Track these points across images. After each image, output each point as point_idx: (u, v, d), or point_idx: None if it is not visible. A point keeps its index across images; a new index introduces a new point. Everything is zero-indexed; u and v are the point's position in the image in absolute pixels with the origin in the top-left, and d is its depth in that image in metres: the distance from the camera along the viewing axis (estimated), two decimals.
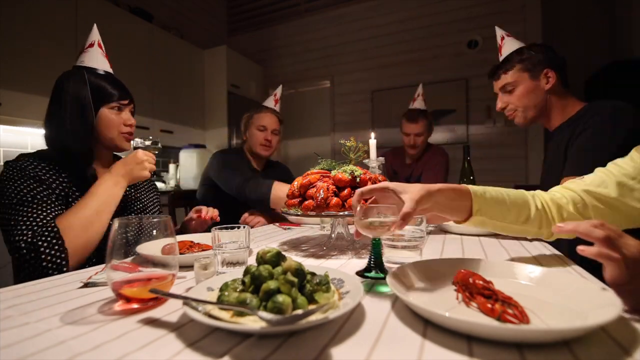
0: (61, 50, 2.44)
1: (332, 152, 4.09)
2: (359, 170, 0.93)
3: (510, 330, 0.39)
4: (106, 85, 1.03)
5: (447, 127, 3.59)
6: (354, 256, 0.86)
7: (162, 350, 0.39)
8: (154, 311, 0.51)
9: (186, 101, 3.63)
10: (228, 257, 0.65)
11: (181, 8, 4.00)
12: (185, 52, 3.63)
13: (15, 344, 0.41)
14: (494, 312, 0.45)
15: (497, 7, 3.36)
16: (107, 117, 1.04)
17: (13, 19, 2.20)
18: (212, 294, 0.51)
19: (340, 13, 4.11)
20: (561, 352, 0.37)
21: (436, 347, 0.39)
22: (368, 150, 1.05)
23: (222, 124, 3.84)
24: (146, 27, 3.16)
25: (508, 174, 3.28)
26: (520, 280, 0.58)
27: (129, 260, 0.57)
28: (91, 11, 2.65)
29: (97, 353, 0.39)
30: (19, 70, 2.22)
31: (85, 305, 0.54)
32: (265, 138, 1.87)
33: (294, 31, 4.38)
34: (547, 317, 0.45)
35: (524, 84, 1.29)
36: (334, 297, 0.47)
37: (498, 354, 0.37)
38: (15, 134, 2.47)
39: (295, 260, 0.49)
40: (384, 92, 3.88)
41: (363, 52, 3.99)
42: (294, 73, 4.39)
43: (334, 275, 0.57)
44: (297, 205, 0.94)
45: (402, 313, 0.49)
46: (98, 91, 1.02)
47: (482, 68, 3.25)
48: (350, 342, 0.40)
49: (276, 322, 0.39)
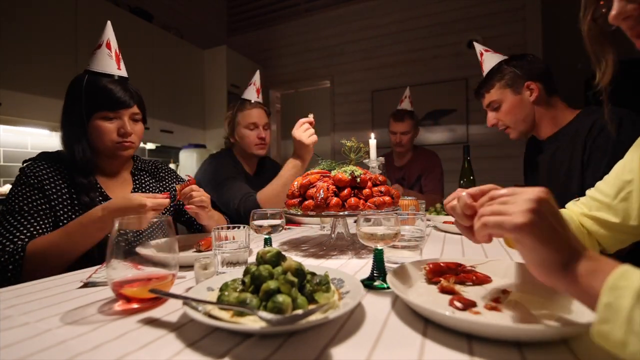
0: (61, 50, 2.44)
1: (332, 152, 4.09)
2: (359, 170, 0.93)
3: (510, 329, 0.39)
4: (101, 92, 0.98)
5: (447, 127, 3.59)
6: (354, 256, 0.86)
7: (162, 350, 0.39)
8: (154, 311, 0.51)
9: (186, 101, 3.63)
10: (228, 257, 0.65)
11: (181, 8, 3.99)
12: (185, 52, 3.62)
13: (15, 344, 0.41)
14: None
15: (497, 7, 3.36)
16: (99, 126, 0.98)
17: (13, 19, 2.20)
18: (212, 294, 0.51)
19: (340, 13, 4.11)
20: (560, 351, 0.37)
21: (437, 346, 0.39)
22: (368, 151, 1.05)
23: (222, 124, 3.79)
24: (146, 27, 3.16)
25: (508, 174, 3.28)
26: (520, 279, 0.58)
27: (128, 260, 0.57)
28: (91, 11, 2.65)
29: (97, 353, 0.39)
30: (19, 70, 2.22)
31: (85, 305, 0.54)
32: (259, 136, 1.69)
33: (294, 31, 4.38)
34: (546, 316, 0.45)
35: (508, 101, 1.28)
36: (334, 297, 0.47)
37: (498, 353, 0.37)
38: (15, 134, 2.47)
39: (295, 260, 0.49)
40: (384, 92, 3.88)
41: (363, 52, 3.99)
42: (294, 73, 4.39)
43: (334, 275, 0.57)
44: (297, 205, 0.94)
45: (402, 313, 0.49)
46: (92, 99, 0.97)
47: None
48: (350, 342, 0.40)
49: (276, 322, 0.39)
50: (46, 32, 2.38)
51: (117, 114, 1.00)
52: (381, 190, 0.91)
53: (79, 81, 0.99)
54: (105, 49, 1.02)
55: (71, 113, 0.99)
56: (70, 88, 1.00)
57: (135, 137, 1.04)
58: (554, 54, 3.33)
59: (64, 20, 2.49)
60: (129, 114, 1.02)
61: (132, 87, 1.04)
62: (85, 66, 1.02)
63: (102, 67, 1.01)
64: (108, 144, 1.00)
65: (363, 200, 0.88)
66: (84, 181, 0.97)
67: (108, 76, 1.01)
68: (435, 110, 3.61)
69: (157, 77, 3.21)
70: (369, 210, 0.86)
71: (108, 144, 1.00)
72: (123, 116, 1.01)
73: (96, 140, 1.00)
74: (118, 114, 1.00)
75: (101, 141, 1.00)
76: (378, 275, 0.62)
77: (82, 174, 0.98)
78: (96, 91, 0.98)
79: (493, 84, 1.30)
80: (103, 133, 0.99)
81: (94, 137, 1.00)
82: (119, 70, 1.03)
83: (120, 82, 1.01)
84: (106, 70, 1.01)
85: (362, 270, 0.73)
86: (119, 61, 1.04)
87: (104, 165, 1.06)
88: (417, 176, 2.38)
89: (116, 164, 1.09)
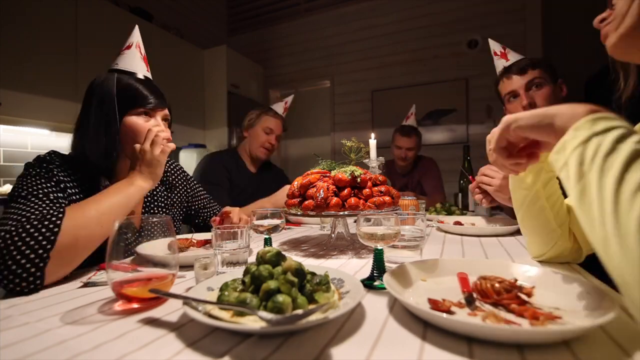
0: (61, 50, 2.44)
1: (332, 152, 4.09)
2: (359, 170, 0.93)
3: (511, 331, 0.39)
4: (136, 89, 0.92)
5: (447, 127, 3.59)
6: (354, 256, 0.86)
7: (162, 350, 0.39)
8: (154, 311, 0.51)
9: (186, 101, 3.63)
10: (228, 257, 0.65)
11: (181, 8, 4.00)
12: (185, 52, 3.62)
13: (15, 344, 0.41)
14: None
15: (497, 7, 3.36)
16: (133, 123, 0.91)
17: (13, 19, 2.20)
18: (212, 293, 0.51)
19: (340, 13, 4.11)
20: (561, 352, 0.37)
21: (437, 345, 0.39)
22: (369, 151, 1.06)
23: (222, 123, 3.84)
24: (146, 27, 3.16)
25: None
26: (520, 280, 0.58)
27: (128, 260, 0.57)
28: (91, 11, 2.65)
29: (97, 353, 0.39)
30: (19, 70, 2.22)
31: (85, 305, 0.54)
32: (269, 141, 1.84)
33: (294, 31, 4.38)
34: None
35: (548, 85, 1.31)
36: (334, 297, 0.47)
37: (499, 355, 0.37)
38: (15, 134, 2.46)
39: (295, 260, 0.49)
40: (384, 92, 3.88)
41: (363, 52, 3.99)
42: (294, 73, 4.39)
43: (334, 275, 0.57)
44: (297, 205, 0.94)
45: (402, 312, 0.49)
46: (125, 96, 0.91)
47: (482, 68, 3.25)
48: (350, 342, 0.40)
49: (276, 322, 0.39)
50: (46, 32, 2.38)
51: (153, 113, 0.95)
52: (381, 190, 0.91)
53: (108, 80, 0.92)
54: (135, 50, 0.98)
55: (99, 112, 0.90)
56: (96, 87, 0.92)
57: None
58: (554, 54, 3.33)
59: (64, 20, 2.49)
60: (162, 115, 0.98)
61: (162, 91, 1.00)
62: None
63: (133, 67, 0.96)
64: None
65: (363, 200, 0.88)
66: (100, 187, 0.89)
67: (136, 76, 0.96)
68: (435, 110, 3.62)
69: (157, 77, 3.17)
70: (369, 210, 0.86)
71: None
72: (157, 116, 0.96)
73: (129, 140, 0.91)
74: (154, 113, 0.95)
75: (135, 140, 0.90)
76: (378, 275, 0.62)
77: (103, 175, 0.91)
78: (131, 89, 0.92)
79: (540, 64, 1.32)
80: (139, 131, 0.91)
81: (127, 136, 0.91)
82: (148, 73, 1.00)
83: (152, 84, 0.98)
84: (138, 71, 0.97)
85: (362, 270, 0.73)
86: (147, 64, 1.01)
87: (123, 169, 0.96)
88: (417, 181, 2.49)
89: None
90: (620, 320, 0.44)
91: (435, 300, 0.49)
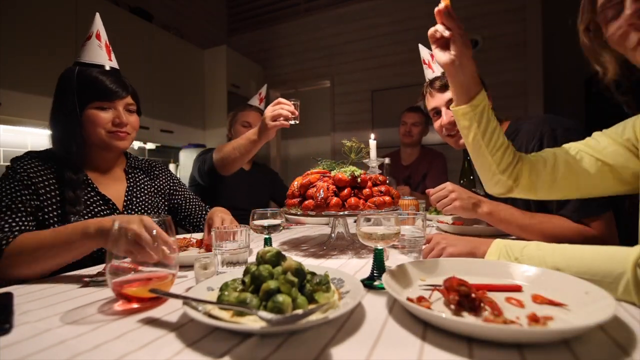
0: (61, 50, 2.44)
1: (332, 152, 4.08)
2: (359, 171, 0.93)
3: (510, 331, 0.39)
4: (94, 82, 0.95)
5: None
6: (354, 256, 0.86)
7: (162, 350, 0.39)
8: (154, 311, 0.51)
9: (186, 101, 3.63)
10: (228, 257, 0.65)
11: (181, 8, 3.99)
12: (185, 52, 3.62)
13: (15, 344, 0.41)
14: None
15: (497, 7, 3.36)
16: (93, 116, 0.95)
17: (13, 19, 2.20)
18: (212, 293, 0.51)
19: (340, 13, 4.10)
20: (561, 353, 0.37)
21: (436, 347, 0.39)
22: (369, 151, 1.06)
23: (222, 123, 3.83)
24: (146, 27, 3.16)
25: None
26: (516, 280, 0.58)
27: (128, 260, 0.57)
28: (91, 11, 2.59)
29: (97, 353, 0.39)
30: (19, 70, 2.22)
31: (85, 305, 0.54)
32: None
33: (294, 31, 4.38)
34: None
35: None
36: (334, 297, 0.47)
37: (499, 355, 0.37)
38: (15, 134, 2.46)
39: (295, 260, 0.49)
40: (384, 92, 3.88)
41: (363, 52, 3.99)
42: (294, 73, 4.38)
43: (334, 275, 0.57)
44: (297, 205, 0.94)
45: (402, 312, 0.49)
46: (86, 89, 0.94)
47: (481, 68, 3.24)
48: (350, 342, 0.40)
49: (276, 322, 0.39)
50: (46, 32, 2.38)
51: (112, 104, 0.97)
52: (381, 190, 0.91)
53: (70, 73, 0.96)
54: (95, 40, 1.00)
55: (62, 106, 0.96)
56: (60, 81, 0.97)
57: (130, 128, 1.01)
58: (554, 54, 3.33)
59: (64, 20, 2.49)
60: (123, 105, 0.99)
61: (125, 78, 1.01)
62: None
63: (92, 58, 0.99)
64: (102, 135, 0.96)
65: (363, 200, 0.88)
66: (73, 177, 0.93)
67: (99, 67, 0.98)
68: None
69: (157, 77, 3.21)
70: (369, 210, 0.86)
71: (102, 134, 0.96)
72: (118, 106, 0.98)
73: (90, 131, 0.96)
74: (113, 104, 0.97)
75: (95, 132, 0.96)
76: (378, 275, 0.62)
77: (72, 169, 0.94)
78: (89, 81, 0.95)
79: None
80: (97, 123, 0.95)
81: (88, 128, 0.96)
82: (110, 62, 1.01)
83: (112, 73, 0.99)
84: (97, 61, 0.98)
85: (362, 270, 0.73)
86: (109, 52, 1.02)
87: (97, 160, 1.02)
88: (423, 175, 2.42)
89: (109, 158, 1.04)
90: (619, 320, 0.44)
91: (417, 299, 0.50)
